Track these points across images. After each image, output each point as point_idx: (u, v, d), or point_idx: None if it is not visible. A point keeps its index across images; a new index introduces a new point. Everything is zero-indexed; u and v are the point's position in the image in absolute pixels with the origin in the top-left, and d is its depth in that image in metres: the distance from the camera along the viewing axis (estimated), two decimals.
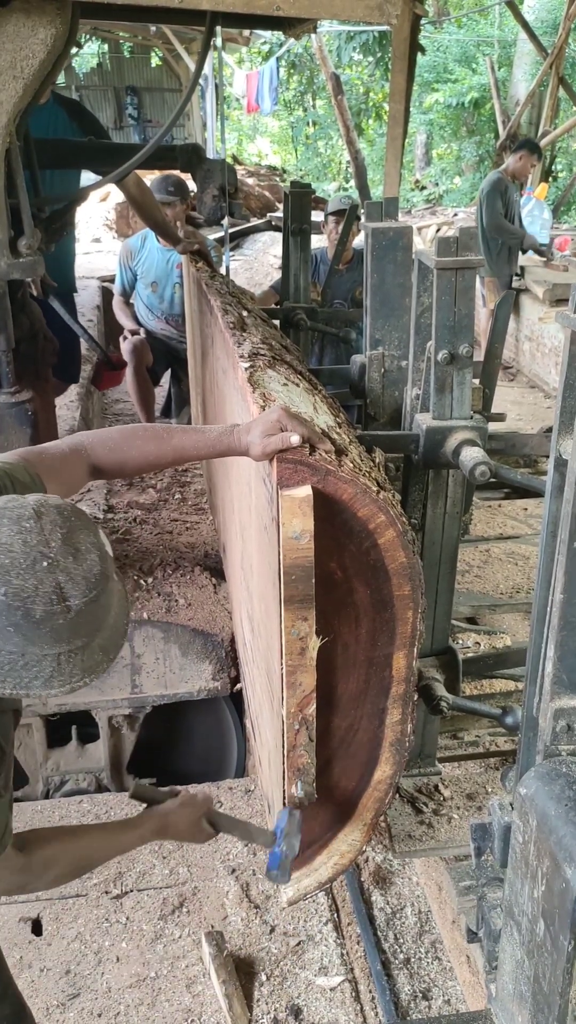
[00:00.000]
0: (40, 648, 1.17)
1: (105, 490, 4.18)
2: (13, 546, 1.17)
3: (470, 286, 2.15)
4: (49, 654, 1.18)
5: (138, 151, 2.91)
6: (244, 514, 2.30)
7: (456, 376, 2.21)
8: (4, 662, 1.16)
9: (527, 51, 13.23)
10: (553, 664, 1.35)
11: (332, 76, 11.93)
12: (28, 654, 1.17)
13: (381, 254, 3.14)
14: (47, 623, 1.17)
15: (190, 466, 4.64)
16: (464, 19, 17.26)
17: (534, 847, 1.33)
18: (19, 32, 2.29)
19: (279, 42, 15.97)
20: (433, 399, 2.24)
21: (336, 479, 1.56)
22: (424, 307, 2.39)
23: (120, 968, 2.48)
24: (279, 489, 1.53)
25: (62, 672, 1.19)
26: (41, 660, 1.18)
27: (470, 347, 2.19)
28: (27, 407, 2.72)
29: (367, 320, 3.24)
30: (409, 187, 16.83)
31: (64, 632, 1.18)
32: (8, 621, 1.15)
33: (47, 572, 1.18)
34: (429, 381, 2.25)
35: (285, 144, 25.07)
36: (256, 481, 1.88)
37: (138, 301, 5.25)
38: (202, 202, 3.15)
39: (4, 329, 2.60)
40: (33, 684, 1.18)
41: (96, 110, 21.40)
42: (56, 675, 1.19)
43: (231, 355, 2.33)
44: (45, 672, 1.18)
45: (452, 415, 2.25)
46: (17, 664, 1.17)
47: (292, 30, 3.12)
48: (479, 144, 16.29)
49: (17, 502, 1.23)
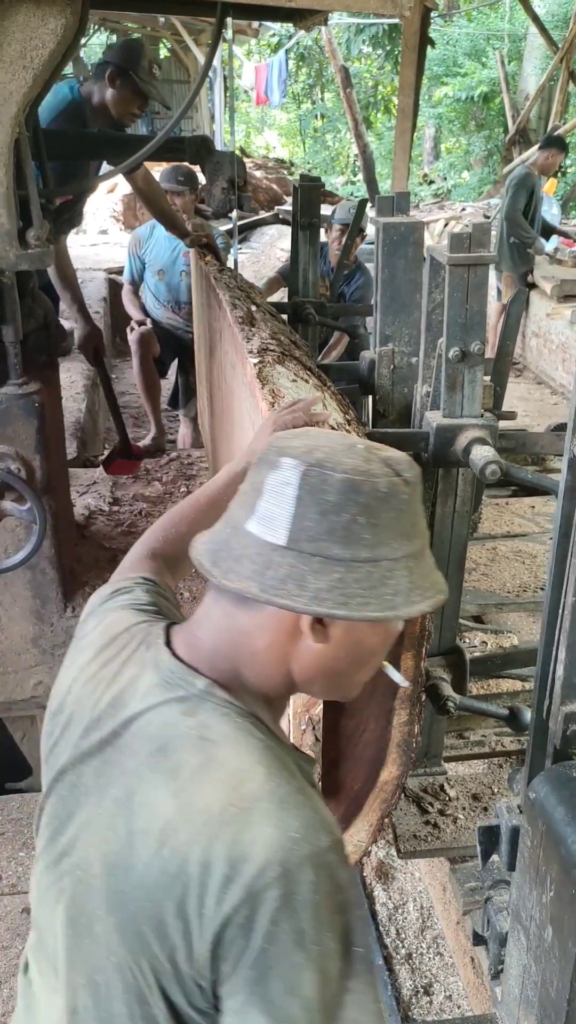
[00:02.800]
0: (390, 546, 0.97)
1: (111, 482, 4.17)
2: (326, 439, 1.03)
3: (483, 283, 2.12)
4: (400, 554, 0.98)
5: (147, 143, 2.89)
6: None
7: (467, 374, 2.19)
8: (361, 576, 0.96)
9: (537, 45, 13.20)
10: (565, 667, 1.34)
11: (341, 69, 11.91)
12: (380, 559, 0.98)
13: (392, 249, 3.09)
14: (393, 499, 0.98)
15: (196, 459, 4.63)
16: (474, 12, 17.18)
17: (543, 852, 1.32)
18: (29, 22, 2.27)
19: (288, 34, 15.92)
20: (444, 397, 2.22)
21: None
22: (436, 303, 2.34)
23: None
24: None
25: (415, 582, 0.99)
26: (394, 567, 0.98)
27: (482, 344, 2.16)
28: (35, 399, 2.71)
29: (377, 316, 3.22)
30: (417, 181, 16.78)
31: (407, 517, 1.00)
32: (357, 501, 0.96)
33: (367, 451, 1.01)
34: (440, 378, 2.23)
35: (293, 137, 24.98)
36: None
37: (146, 290, 5.25)
38: (211, 194, 3.13)
39: (13, 320, 2.58)
40: (396, 601, 0.96)
41: None
42: (414, 587, 0.98)
43: (240, 350, 2.31)
44: (403, 582, 0.98)
45: (463, 413, 2.22)
46: (373, 576, 0.96)
47: (303, 22, 3.09)
48: (488, 138, 16.24)
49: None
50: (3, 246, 2.47)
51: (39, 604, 3.03)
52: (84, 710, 1.07)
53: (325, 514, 0.95)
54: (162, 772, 0.97)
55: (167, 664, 1.04)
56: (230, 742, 0.97)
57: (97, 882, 0.98)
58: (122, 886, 0.95)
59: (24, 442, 2.73)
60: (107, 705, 1.05)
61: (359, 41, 16.62)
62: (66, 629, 3.07)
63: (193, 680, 1.02)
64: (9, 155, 2.39)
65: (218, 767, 0.94)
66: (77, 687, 1.10)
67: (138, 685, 1.04)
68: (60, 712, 1.11)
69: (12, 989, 2.38)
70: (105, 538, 3.54)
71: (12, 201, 2.44)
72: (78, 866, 1.02)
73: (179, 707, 1.00)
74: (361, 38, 16.36)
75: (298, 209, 3.95)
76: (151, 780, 0.97)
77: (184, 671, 1.03)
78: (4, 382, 2.70)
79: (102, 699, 1.06)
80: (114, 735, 1.03)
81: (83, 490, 4.03)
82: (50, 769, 1.10)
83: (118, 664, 1.09)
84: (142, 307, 5.25)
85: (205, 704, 1.00)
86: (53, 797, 1.08)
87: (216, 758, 0.95)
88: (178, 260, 5.03)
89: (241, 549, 0.98)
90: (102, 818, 1.00)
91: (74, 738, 1.07)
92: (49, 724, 1.12)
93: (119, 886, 0.96)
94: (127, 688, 1.05)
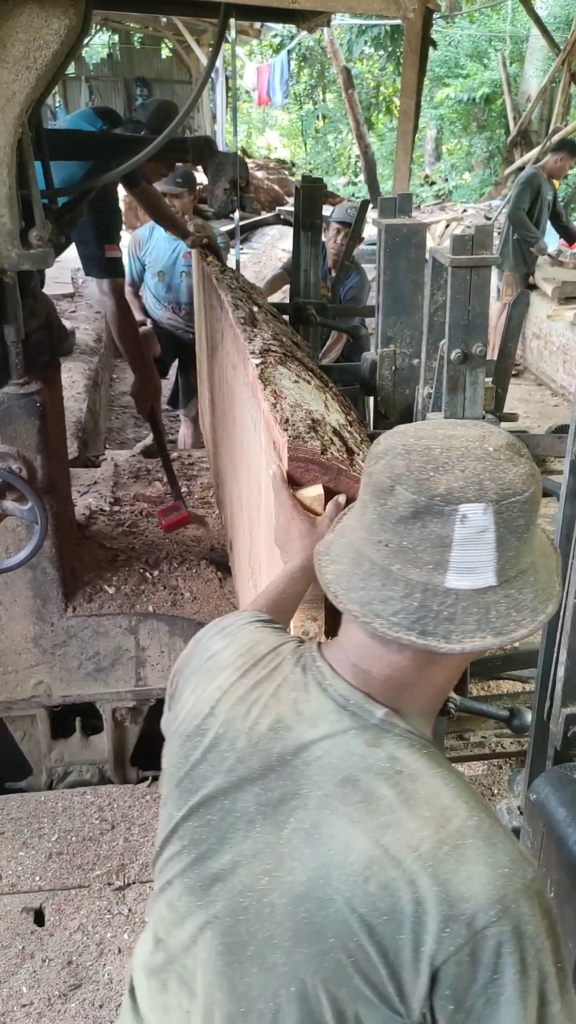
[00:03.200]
0: (519, 549, 0.96)
1: (112, 482, 4.18)
2: (460, 457, 0.96)
3: (485, 284, 2.14)
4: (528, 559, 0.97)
5: (150, 143, 2.90)
6: (253, 512, 2.29)
7: (469, 375, 2.21)
8: (547, 574, 0.97)
9: (539, 47, 13.20)
10: (566, 669, 1.34)
11: (343, 70, 11.92)
12: (550, 553, 1.00)
13: (394, 251, 3.14)
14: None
15: (197, 459, 4.63)
16: (476, 14, 17.19)
17: (544, 853, 1.32)
18: (33, 23, 2.27)
19: (290, 35, 15.93)
20: (445, 398, 2.24)
21: (347, 478, 1.54)
22: (437, 305, 2.40)
23: (122, 959, 2.49)
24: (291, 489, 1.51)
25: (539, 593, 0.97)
26: (525, 572, 0.96)
27: (483, 346, 2.17)
28: (36, 399, 2.71)
29: (379, 317, 3.23)
30: (418, 182, 16.77)
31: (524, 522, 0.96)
32: (534, 507, 0.96)
33: (498, 451, 0.97)
34: (441, 380, 2.25)
35: (294, 137, 25.00)
36: (267, 482, 1.87)
37: (146, 291, 5.26)
38: (213, 195, 3.13)
39: (15, 320, 2.59)
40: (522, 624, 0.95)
41: (105, 100, 21.37)
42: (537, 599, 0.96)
43: (241, 351, 2.31)
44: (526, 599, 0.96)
45: (464, 414, 2.24)
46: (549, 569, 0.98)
47: (306, 23, 3.10)
48: (489, 140, 16.23)
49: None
50: (5, 246, 2.48)
51: (40, 604, 3.03)
52: (237, 733, 1.04)
53: (521, 536, 0.95)
54: (354, 806, 0.95)
55: (339, 690, 1.02)
56: (425, 776, 0.96)
57: (278, 913, 0.97)
58: (315, 918, 0.95)
59: (26, 442, 2.73)
60: (267, 729, 1.03)
61: (361, 42, 16.63)
62: (66, 629, 3.07)
63: (372, 709, 1.00)
64: (12, 155, 2.39)
65: (420, 803, 0.94)
66: (223, 708, 1.07)
67: (303, 709, 1.02)
68: (200, 733, 1.08)
69: (12, 989, 2.39)
70: (106, 538, 3.54)
71: (15, 201, 2.45)
72: (242, 894, 1.00)
73: (361, 736, 0.98)
74: (363, 39, 16.37)
75: (300, 210, 3.98)
76: (344, 813, 0.96)
77: (361, 698, 1.00)
78: (6, 382, 2.70)
79: (259, 723, 1.04)
80: (281, 762, 1.01)
81: (84, 490, 4.03)
82: (187, 792, 1.07)
83: (272, 686, 1.06)
84: (142, 308, 5.26)
85: (388, 735, 0.98)
86: (196, 821, 1.06)
87: (416, 794, 0.95)
88: (178, 261, 5.04)
89: (450, 608, 0.94)
90: (279, 848, 0.99)
91: (226, 762, 1.04)
92: (184, 745, 1.09)
93: (312, 918, 0.95)
94: (289, 712, 1.03)
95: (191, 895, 1.05)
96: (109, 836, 2.87)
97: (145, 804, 3.00)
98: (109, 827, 2.91)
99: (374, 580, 0.96)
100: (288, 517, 1.45)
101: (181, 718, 1.12)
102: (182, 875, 1.06)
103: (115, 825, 2.92)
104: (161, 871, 1.11)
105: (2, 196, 2.42)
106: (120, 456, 4.77)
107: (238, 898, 1.00)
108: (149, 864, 2.78)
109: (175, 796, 1.09)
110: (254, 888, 0.99)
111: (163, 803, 1.13)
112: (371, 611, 0.95)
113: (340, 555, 1.02)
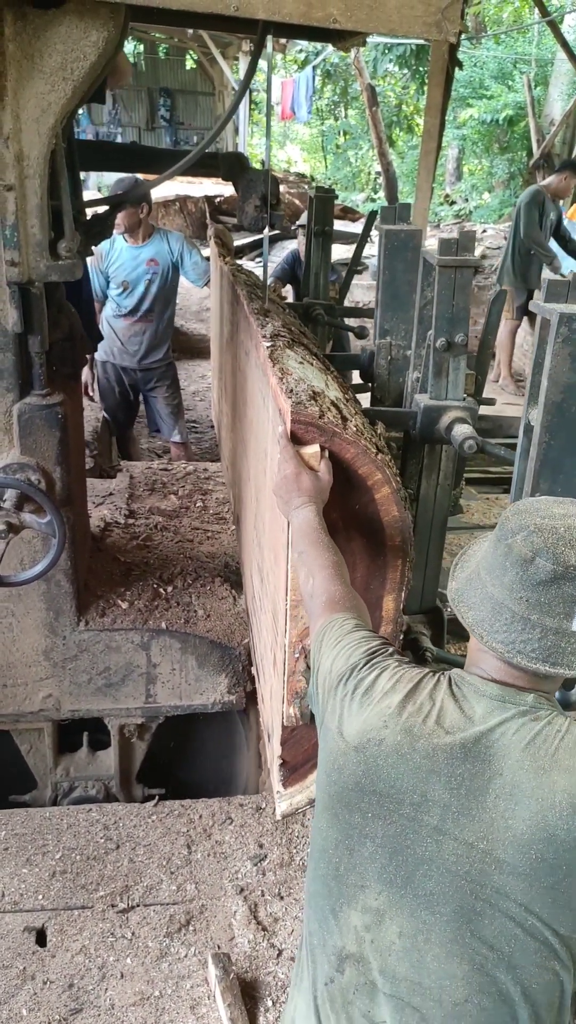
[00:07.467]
0: None
1: (127, 494, 4.15)
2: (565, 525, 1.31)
3: (467, 283, 2.46)
4: None
5: (181, 157, 2.88)
6: (260, 478, 2.51)
7: (452, 362, 2.53)
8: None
9: (565, 71, 13.22)
10: None
11: (368, 87, 11.94)
12: None
13: (393, 254, 3.49)
14: None
15: (212, 473, 4.61)
16: (502, 36, 17.24)
17: None
18: (71, 34, 2.26)
19: (316, 50, 15.98)
20: (431, 381, 2.54)
21: (341, 440, 1.82)
22: (427, 300, 2.68)
23: (124, 985, 2.44)
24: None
25: None
26: None
27: (465, 336, 2.48)
28: (58, 410, 2.68)
29: (377, 312, 3.60)
30: (439, 201, 16.80)
31: None
32: None
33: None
34: (428, 366, 2.55)
35: (315, 152, 25.08)
36: (272, 447, 2.09)
37: (108, 302, 5.24)
38: (243, 211, 3.11)
39: (40, 330, 2.56)
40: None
41: (129, 110, 21.48)
42: None
43: (254, 336, 2.54)
44: None
45: (447, 396, 2.56)
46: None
47: (343, 43, 3.08)
48: (511, 161, 16.26)
49: None
50: (35, 257, 2.46)
51: (52, 616, 3.00)
52: (415, 740, 1.29)
53: None
54: (542, 760, 1.23)
55: (491, 691, 1.30)
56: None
57: (507, 865, 1.21)
58: (545, 854, 1.20)
59: (45, 453, 2.71)
60: (444, 732, 1.28)
61: (385, 60, 16.68)
62: (78, 643, 3.04)
63: (523, 697, 1.29)
64: (45, 166, 2.37)
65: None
66: (395, 721, 1.31)
67: (466, 710, 1.30)
68: (372, 745, 1.31)
69: (11, 1011, 2.34)
70: (120, 551, 3.51)
71: (46, 212, 2.43)
72: (457, 863, 1.25)
73: (524, 716, 1.27)
74: (388, 57, 16.41)
75: (312, 218, 4.34)
76: (534, 769, 1.23)
77: (511, 691, 1.29)
78: (28, 392, 2.67)
79: (435, 732, 1.29)
80: (464, 751, 1.27)
81: (99, 501, 4.01)
82: (367, 794, 1.31)
83: (436, 703, 1.32)
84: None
85: (541, 710, 1.28)
86: (384, 820, 1.30)
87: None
88: (140, 267, 5.05)
89: (573, 645, 1.25)
90: (486, 815, 1.24)
91: (409, 763, 1.28)
92: (357, 755, 1.33)
93: (543, 855, 1.20)
94: (455, 715, 1.30)
95: (395, 887, 1.30)
96: (114, 856, 2.83)
97: (151, 824, 2.96)
98: (114, 846, 2.87)
99: (515, 626, 1.27)
100: (296, 470, 1.76)
101: (346, 735, 1.35)
102: (383, 872, 1.31)
103: (120, 844, 2.87)
104: (344, 878, 1.35)
105: (33, 207, 2.40)
106: (136, 467, 4.74)
107: (453, 868, 1.25)
108: (154, 887, 2.73)
109: (344, 801, 1.34)
110: (470, 855, 1.24)
111: (330, 813, 1.37)
112: (514, 649, 1.27)
113: (477, 605, 1.32)
